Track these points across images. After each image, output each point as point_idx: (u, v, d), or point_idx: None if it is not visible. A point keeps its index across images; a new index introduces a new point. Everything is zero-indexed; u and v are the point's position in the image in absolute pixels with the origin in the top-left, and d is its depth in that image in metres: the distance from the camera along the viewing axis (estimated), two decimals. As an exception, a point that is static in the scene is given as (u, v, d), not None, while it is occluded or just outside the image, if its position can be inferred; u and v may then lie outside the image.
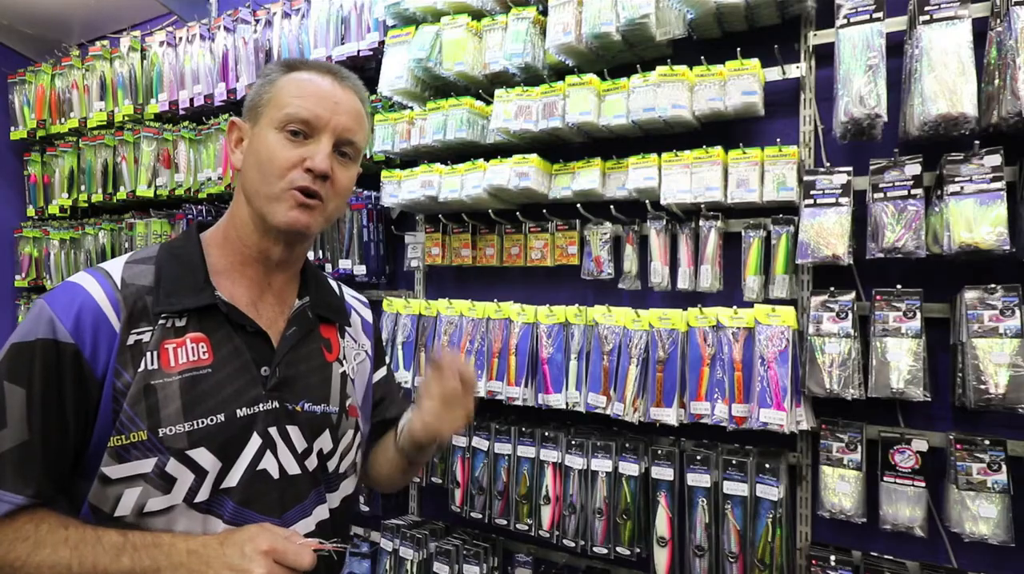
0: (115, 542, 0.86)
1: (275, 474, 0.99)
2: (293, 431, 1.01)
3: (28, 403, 0.87)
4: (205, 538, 0.89)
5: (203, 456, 0.92)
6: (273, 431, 0.99)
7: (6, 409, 0.86)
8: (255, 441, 0.97)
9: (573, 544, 1.94)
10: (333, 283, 1.23)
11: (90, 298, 0.91)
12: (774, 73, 1.82)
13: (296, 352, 1.05)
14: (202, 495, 0.92)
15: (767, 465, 1.71)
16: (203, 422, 0.92)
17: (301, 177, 0.97)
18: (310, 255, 2.55)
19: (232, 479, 0.94)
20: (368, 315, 1.27)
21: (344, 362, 1.13)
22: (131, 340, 0.91)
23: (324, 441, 1.06)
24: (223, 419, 0.94)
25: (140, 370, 0.90)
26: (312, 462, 1.04)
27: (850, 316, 1.65)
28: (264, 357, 1.00)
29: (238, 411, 0.95)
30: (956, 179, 1.52)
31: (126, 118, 3.13)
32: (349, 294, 1.26)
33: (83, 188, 3.35)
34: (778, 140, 1.79)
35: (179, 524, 0.91)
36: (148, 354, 0.91)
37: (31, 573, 0.85)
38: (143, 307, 0.93)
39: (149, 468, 0.89)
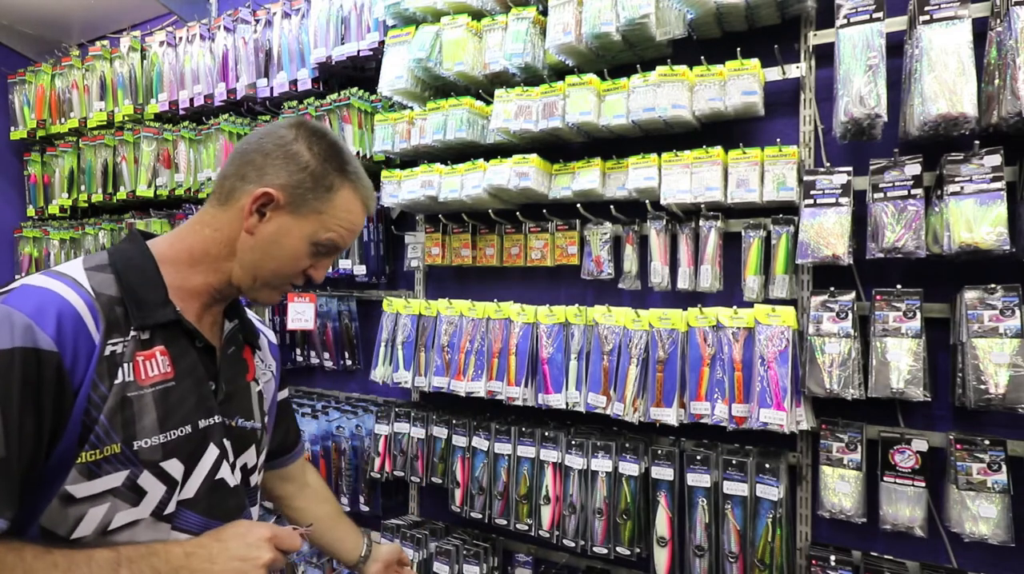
0: (108, 558, 0.83)
1: (231, 483, 1.04)
2: (228, 445, 1.05)
3: (4, 418, 0.78)
4: (198, 539, 0.91)
5: (175, 467, 0.94)
6: (225, 443, 1.03)
7: None
8: (212, 451, 1.00)
9: (573, 544, 1.94)
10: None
11: (68, 305, 0.86)
12: (774, 73, 1.82)
13: (232, 370, 1.09)
14: (171, 507, 0.94)
15: (767, 465, 1.71)
16: (175, 434, 0.94)
17: (299, 278, 1.08)
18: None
19: (189, 490, 0.96)
20: (273, 337, 1.31)
21: (259, 382, 1.19)
22: (108, 351, 0.88)
23: (250, 456, 1.11)
24: (189, 430, 0.96)
25: (117, 382, 0.88)
26: (238, 476, 1.08)
27: (850, 316, 1.65)
28: (211, 372, 1.03)
29: (199, 422, 0.98)
30: (956, 179, 1.52)
31: (126, 118, 3.13)
32: (254, 317, 1.27)
33: (83, 188, 3.35)
34: (778, 140, 1.79)
35: (141, 538, 0.90)
36: (124, 366, 0.89)
37: None
38: (115, 318, 0.90)
39: (120, 482, 0.88)
